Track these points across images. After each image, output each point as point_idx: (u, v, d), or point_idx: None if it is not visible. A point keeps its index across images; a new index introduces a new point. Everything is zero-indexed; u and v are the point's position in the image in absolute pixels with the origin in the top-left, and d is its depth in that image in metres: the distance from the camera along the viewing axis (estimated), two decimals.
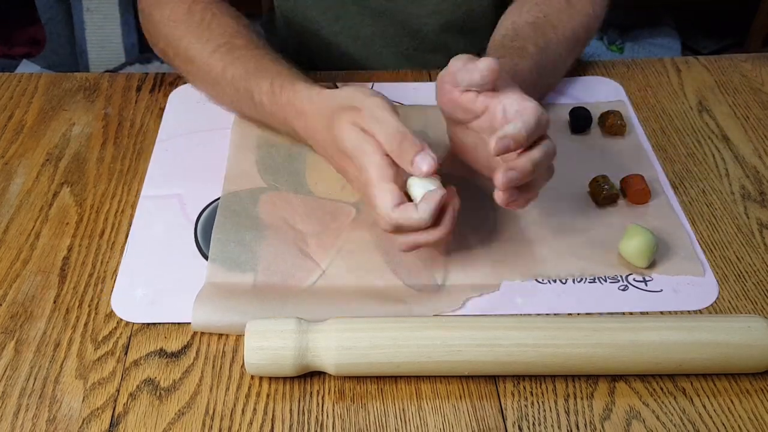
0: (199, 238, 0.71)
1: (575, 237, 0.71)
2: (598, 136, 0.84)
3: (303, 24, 0.98)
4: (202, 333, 0.63)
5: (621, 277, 0.68)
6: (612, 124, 0.83)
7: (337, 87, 0.87)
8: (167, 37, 0.83)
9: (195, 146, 0.81)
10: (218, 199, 0.75)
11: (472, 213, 0.73)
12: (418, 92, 0.89)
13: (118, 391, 0.59)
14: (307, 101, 0.71)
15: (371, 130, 0.63)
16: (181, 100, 0.87)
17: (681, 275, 0.68)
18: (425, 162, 0.60)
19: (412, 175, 0.63)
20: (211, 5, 0.82)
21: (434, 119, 0.83)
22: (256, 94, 0.75)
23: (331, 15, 0.96)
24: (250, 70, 0.76)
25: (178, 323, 0.64)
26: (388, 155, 0.62)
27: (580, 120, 0.83)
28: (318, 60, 1.00)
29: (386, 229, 0.63)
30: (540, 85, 0.81)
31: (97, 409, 0.58)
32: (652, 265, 0.69)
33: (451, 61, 0.66)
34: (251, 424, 0.58)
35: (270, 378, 0.60)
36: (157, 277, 0.67)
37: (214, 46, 0.79)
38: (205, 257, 0.69)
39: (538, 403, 0.59)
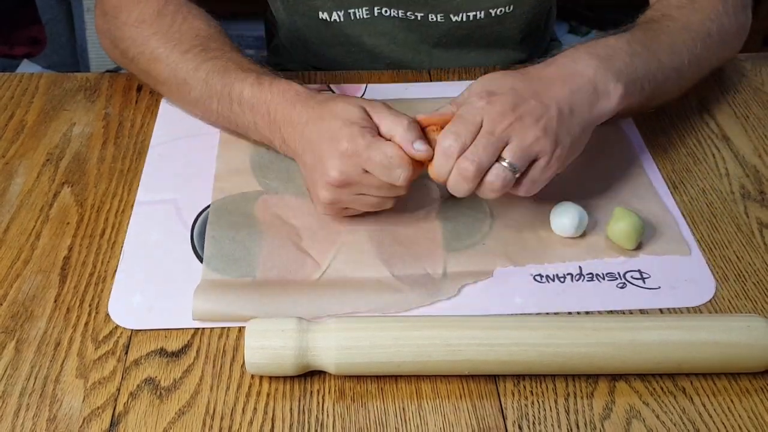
0: (196, 244, 0.71)
1: None
2: None
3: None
4: (202, 332, 0.63)
5: (619, 274, 0.68)
6: None
7: (331, 89, 0.88)
8: (132, 38, 0.81)
9: (188, 150, 0.81)
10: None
11: (463, 207, 0.74)
12: (408, 91, 0.89)
13: (118, 390, 0.59)
14: (305, 91, 0.71)
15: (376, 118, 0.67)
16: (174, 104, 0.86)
17: (668, 255, 0.70)
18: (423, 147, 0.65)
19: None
20: (183, 8, 0.81)
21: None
22: (236, 88, 0.74)
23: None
24: (231, 68, 0.75)
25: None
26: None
27: None
28: (320, 56, 0.99)
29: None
30: (648, 61, 0.75)
31: (98, 408, 0.58)
32: (638, 246, 0.70)
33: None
34: (251, 423, 0.58)
35: (270, 377, 0.60)
36: (154, 284, 0.67)
37: (186, 47, 0.78)
38: (202, 261, 0.69)
39: (538, 402, 0.59)
